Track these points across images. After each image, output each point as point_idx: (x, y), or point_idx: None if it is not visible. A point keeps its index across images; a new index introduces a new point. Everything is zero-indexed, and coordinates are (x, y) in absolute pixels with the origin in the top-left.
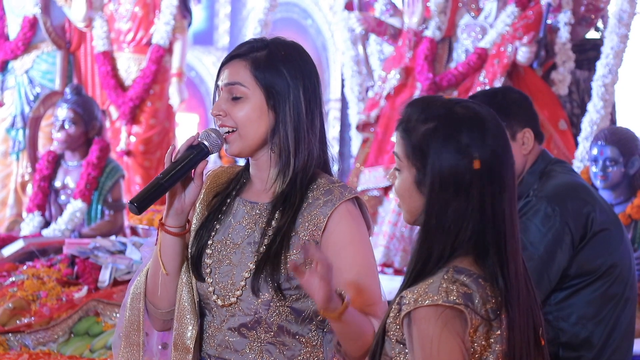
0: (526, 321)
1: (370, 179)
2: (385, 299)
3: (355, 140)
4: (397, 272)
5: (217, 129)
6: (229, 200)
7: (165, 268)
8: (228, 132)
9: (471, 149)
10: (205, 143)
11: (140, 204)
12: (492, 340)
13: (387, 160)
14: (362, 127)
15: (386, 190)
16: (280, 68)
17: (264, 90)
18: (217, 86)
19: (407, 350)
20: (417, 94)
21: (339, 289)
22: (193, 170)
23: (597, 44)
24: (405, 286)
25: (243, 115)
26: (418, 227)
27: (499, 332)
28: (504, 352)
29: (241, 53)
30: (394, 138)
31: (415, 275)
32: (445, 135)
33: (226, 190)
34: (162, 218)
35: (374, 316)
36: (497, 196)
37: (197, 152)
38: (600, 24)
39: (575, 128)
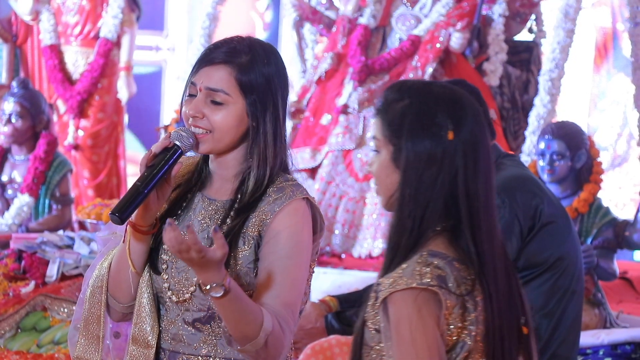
0: (507, 306)
1: (297, 160)
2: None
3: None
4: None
5: (187, 128)
6: (189, 195)
7: (135, 266)
8: (201, 132)
9: (446, 122)
10: (178, 144)
11: (122, 214)
12: (467, 322)
13: (315, 142)
14: (293, 114)
15: (312, 171)
16: (265, 75)
17: (247, 99)
18: (192, 83)
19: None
20: (348, 78)
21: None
22: None
23: (530, 47)
24: (384, 272)
25: (221, 120)
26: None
27: (474, 314)
28: (482, 334)
29: (226, 59)
30: (323, 121)
31: (391, 256)
32: (420, 109)
33: (187, 184)
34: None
35: (276, 312)
36: (469, 172)
37: (171, 154)
38: (534, 26)
39: (505, 122)
